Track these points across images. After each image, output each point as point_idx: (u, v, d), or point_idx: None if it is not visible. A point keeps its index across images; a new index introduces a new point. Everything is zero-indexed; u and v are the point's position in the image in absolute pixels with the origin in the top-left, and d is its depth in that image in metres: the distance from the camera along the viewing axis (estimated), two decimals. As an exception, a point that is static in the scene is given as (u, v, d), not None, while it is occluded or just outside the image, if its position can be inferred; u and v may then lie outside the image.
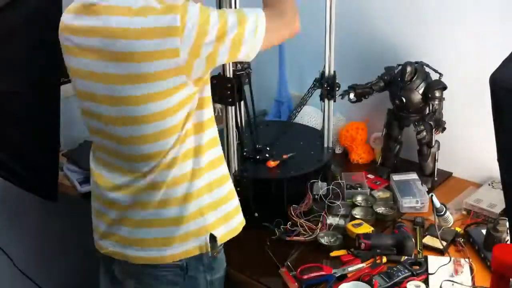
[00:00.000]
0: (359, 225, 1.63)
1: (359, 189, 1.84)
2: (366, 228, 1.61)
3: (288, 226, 1.65)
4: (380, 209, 1.75)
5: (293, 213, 1.67)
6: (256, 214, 1.64)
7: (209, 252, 1.36)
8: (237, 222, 1.43)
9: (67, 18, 1.29)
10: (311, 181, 1.73)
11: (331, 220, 1.67)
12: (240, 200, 1.46)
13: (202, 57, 1.20)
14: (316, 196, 1.73)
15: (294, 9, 1.34)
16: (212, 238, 1.36)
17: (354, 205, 1.76)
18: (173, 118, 1.25)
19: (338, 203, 1.71)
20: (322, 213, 1.67)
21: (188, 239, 1.35)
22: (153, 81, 1.20)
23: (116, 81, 1.22)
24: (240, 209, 1.46)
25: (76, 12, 1.27)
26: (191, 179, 1.32)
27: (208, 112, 1.35)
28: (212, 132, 1.36)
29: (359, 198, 1.80)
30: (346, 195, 1.80)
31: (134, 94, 1.22)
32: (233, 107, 1.60)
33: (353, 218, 1.68)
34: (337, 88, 1.81)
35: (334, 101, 1.84)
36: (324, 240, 1.60)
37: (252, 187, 1.67)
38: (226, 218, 1.40)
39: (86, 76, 1.27)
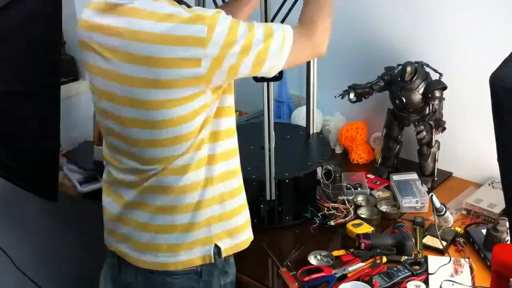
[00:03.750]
0: (359, 225, 1.63)
1: (359, 189, 1.84)
2: (366, 228, 1.62)
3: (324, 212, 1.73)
4: (383, 208, 1.75)
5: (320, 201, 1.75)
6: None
7: (213, 261, 1.35)
8: (243, 238, 1.41)
9: (88, 15, 1.27)
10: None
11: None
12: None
13: (223, 68, 1.19)
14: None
15: (326, 31, 1.32)
16: (217, 249, 1.35)
17: (356, 206, 1.77)
18: (187, 125, 1.23)
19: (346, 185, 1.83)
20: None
21: (194, 247, 1.34)
22: (170, 87, 1.18)
23: (133, 83, 1.21)
24: (250, 225, 1.43)
25: (98, 10, 1.25)
26: (203, 188, 1.31)
27: (227, 122, 1.32)
28: (229, 143, 1.34)
29: (359, 198, 1.80)
30: (346, 195, 1.80)
31: (150, 98, 1.20)
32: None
33: (358, 218, 1.69)
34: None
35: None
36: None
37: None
38: (233, 232, 1.38)
39: (103, 74, 1.26)
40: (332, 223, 1.68)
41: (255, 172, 1.64)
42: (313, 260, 1.54)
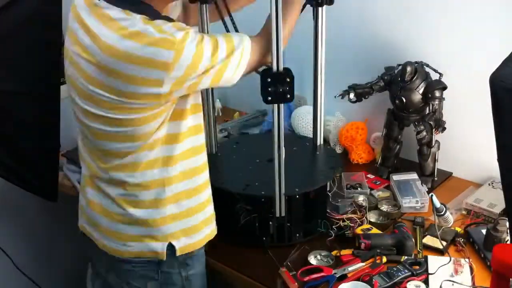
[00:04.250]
0: (368, 230, 1.63)
1: (359, 189, 1.84)
2: (365, 226, 1.63)
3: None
4: (384, 208, 1.75)
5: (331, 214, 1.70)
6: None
7: (164, 259, 1.37)
8: (201, 237, 1.42)
9: (79, 4, 1.29)
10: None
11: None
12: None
13: (184, 86, 1.23)
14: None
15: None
16: (171, 247, 1.37)
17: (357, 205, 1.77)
18: (143, 127, 1.27)
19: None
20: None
21: (149, 241, 1.37)
22: (131, 98, 1.22)
23: (94, 84, 1.24)
24: (211, 221, 1.45)
25: (86, 3, 1.27)
26: (159, 187, 1.34)
27: (189, 122, 1.34)
28: (191, 141, 1.36)
29: (360, 199, 1.80)
30: (346, 195, 1.80)
31: (112, 102, 1.24)
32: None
33: (367, 222, 1.68)
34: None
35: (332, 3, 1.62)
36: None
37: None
38: (189, 231, 1.40)
39: (74, 65, 1.29)
40: (350, 234, 1.62)
41: (263, 187, 1.58)
42: (313, 260, 1.54)
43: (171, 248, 1.37)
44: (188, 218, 1.39)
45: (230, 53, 1.27)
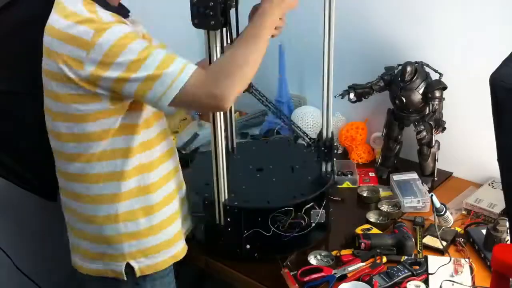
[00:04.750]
0: (368, 230, 1.63)
1: (349, 175, 1.89)
2: (365, 226, 1.63)
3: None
4: (384, 207, 1.75)
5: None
6: (248, 246, 1.53)
7: (124, 279, 1.35)
8: (164, 258, 1.38)
9: None
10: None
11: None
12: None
13: (107, 77, 1.18)
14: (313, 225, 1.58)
15: (237, 85, 1.19)
16: (130, 268, 1.34)
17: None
18: (81, 126, 1.26)
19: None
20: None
21: (105, 260, 1.35)
22: (54, 80, 1.23)
23: (44, 73, 1.29)
24: (176, 242, 1.41)
25: None
26: (112, 202, 1.31)
27: (142, 137, 1.31)
28: (143, 157, 1.32)
29: (364, 189, 1.83)
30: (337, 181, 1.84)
31: (51, 90, 1.27)
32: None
33: (367, 222, 1.69)
34: (335, 151, 1.71)
35: (332, 164, 1.65)
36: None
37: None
38: (149, 251, 1.36)
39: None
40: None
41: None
42: (313, 260, 1.53)
43: (129, 268, 1.34)
44: (148, 237, 1.35)
45: (168, 63, 1.17)
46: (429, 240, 1.58)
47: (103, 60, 1.17)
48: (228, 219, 1.48)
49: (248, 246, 1.52)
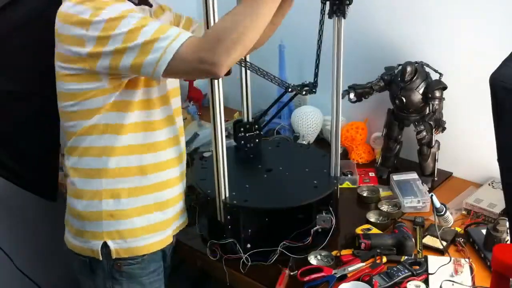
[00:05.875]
0: (368, 230, 1.63)
1: (349, 175, 1.88)
2: (365, 226, 1.63)
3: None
4: (384, 207, 1.76)
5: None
6: (249, 245, 1.51)
7: (100, 259, 1.36)
8: (140, 244, 1.38)
9: None
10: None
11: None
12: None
13: (105, 52, 1.20)
14: (319, 230, 1.55)
15: (233, 50, 1.14)
16: (106, 247, 1.35)
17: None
18: (77, 104, 1.30)
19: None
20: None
21: (82, 236, 1.37)
22: (65, 62, 1.27)
23: (56, 57, 1.31)
24: (154, 231, 1.40)
25: None
26: (97, 177, 1.34)
27: (135, 116, 1.32)
28: (136, 138, 1.33)
29: (364, 189, 1.82)
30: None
31: (60, 70, 1.30)
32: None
33: (367, 222, 1.69)
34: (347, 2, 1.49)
35: (344, 17, 1.54)
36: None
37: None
38: (125, 234, 1.36)
39: None
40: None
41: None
42: (313, 260, 1.53)
43: (106, 248, 1.35)
44: (128, 219, 1.35)
45: (160, 32, 1.17)
46: (429, 240, 1.58)
47: (100, 35, 1.20)
48: (229, 217, 1.48)
49: (248, 246, 1.52)
